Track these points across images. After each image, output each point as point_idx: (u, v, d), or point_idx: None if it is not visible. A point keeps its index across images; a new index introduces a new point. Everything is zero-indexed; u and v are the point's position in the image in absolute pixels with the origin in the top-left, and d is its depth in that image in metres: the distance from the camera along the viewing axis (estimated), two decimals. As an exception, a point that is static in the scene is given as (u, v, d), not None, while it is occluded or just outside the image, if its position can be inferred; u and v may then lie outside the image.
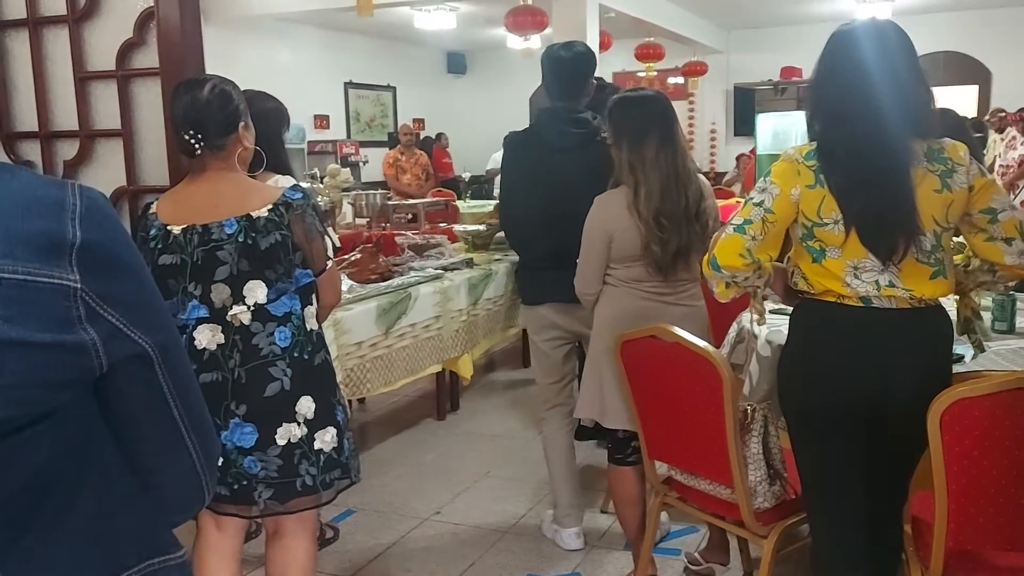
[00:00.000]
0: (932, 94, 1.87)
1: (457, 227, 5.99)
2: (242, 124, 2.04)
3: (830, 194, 1.83)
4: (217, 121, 1.99)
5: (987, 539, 1.88)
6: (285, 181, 2.25)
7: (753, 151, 9.82)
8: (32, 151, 2.73)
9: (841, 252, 1.86)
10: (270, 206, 1.98)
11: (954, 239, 1.92)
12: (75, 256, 0.80)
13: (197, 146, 1.99)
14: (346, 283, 3.82)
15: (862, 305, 1.86)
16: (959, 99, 9.91)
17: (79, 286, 0.80)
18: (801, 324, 1.99)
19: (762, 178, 1.93)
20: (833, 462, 1.99)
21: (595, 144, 2.76)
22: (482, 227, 5.67)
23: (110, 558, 0.90)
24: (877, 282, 1.84)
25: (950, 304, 2.02)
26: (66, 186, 0.84)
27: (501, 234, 5.41)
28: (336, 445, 2.07)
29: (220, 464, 1.97)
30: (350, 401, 4.02)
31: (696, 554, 2.87)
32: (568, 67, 2.90)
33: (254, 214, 1.96)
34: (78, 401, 0.85)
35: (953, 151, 1.86)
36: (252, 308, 1.97)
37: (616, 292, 2.61)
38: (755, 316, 2.08)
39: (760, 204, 1.88)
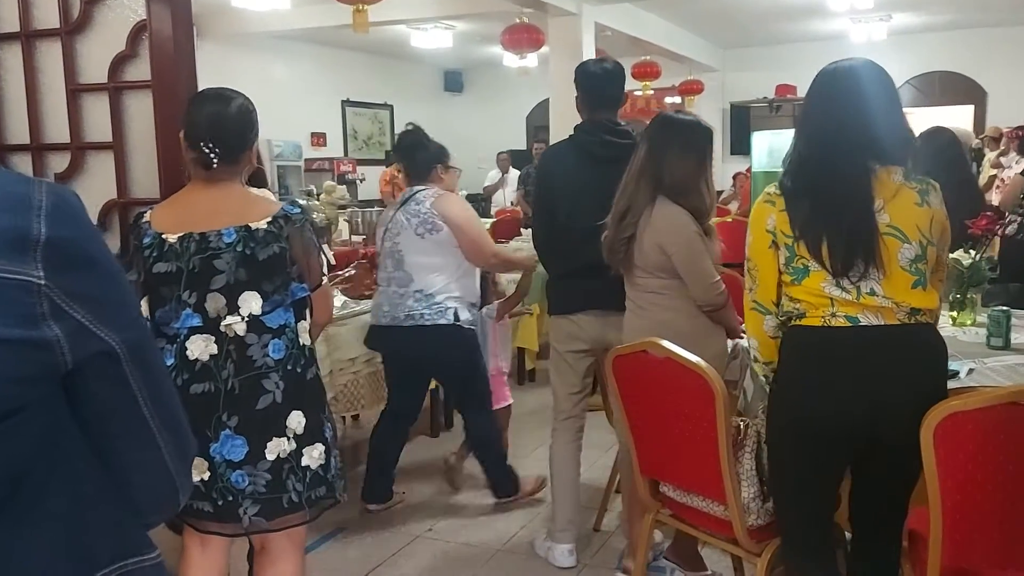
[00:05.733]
0: (908, 126, 1.95)
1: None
2: (255, 143, 2.10)
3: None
4: (237, 139, 2.04)
5: (983, 556, 1.86)
6: (266, 195, 2.25)
7: (749, 170, 9.85)
8: (24, 163, 2.71)
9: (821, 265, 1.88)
10: (269, 218, 1.99)
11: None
12: (40, 252, 0.79)
13: (214, 158, 2.01)
14: (340, 299, 3.81)
15: (850, 325, 1.86)
16: (955, 118, 9.95)
17: (43, 282, 0.79)
18: (791, 348, 1.99)
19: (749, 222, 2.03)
20: (825, 485, 2.00)
21: None
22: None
23: (82, 557, 0.89)
24: (859, 288, 1.85)
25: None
26: (32, 183, 0.84)
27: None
28: (323, 462, 2.05)
29: (207, 479, 1.95)
30: (343, 417, 4.00)
31: (662, 558, 2.84)
32: (605, 79, 2.99)
33: (253, 225, 1.97)
34: (46, 398, 0.85)
35: (926, 181, 1.94)
36: (246, 319, 1.96)
37: None
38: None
39: (746, 255, 2.00)
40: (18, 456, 0.82)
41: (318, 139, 11.29)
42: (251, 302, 1.96)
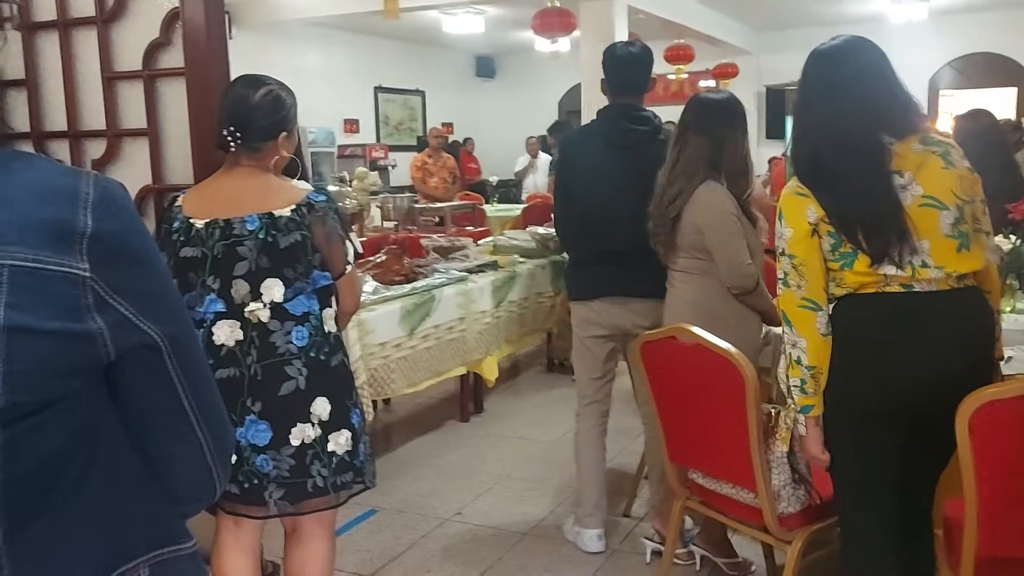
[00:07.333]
0: (908, 96, 1.91)
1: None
2: (284, 134, 2.06)
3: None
4: (260, 126, 2.02)
5: (1019, 545, 1.83)
6: (305, 185, 2.24)
7: (784, 155, 9.71)
8: (62, 150, 2.76)
9: None
10: (292, 206, 1.99)
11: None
12: (86, 245, 0.80)
13: (232, 143, 2.01)
14: (370, 284, 3.83)
15: (904, 291, 1.85)
16: (997, 101, 9.72)
17: (89, 275, 0.80)
18: (844, 319, 1.93)
19: (778, 219, 1.96)
20: (876, 462, 1.95)
21: (658, 142, 2.80)
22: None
23: (119, 545, 0.90)
24: (912, 264, 1.83)
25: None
26: (80, 175, 0.84)
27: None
28: (350, 448, 2.06)
29: (233, 462, 1.97)
30: (375, 402, 4.03)
31: (691, 545, 2.85)
32: (631, 65, 2.93)
33: (276, 212, 1.97)
34: (88, 389, 0.85)
35: (943, 135, 1.92)
36: (269, 305, 1.98)
37: None
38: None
39: (784, 252, 1.93)
40: (58, 446, 0.83)
41: (351, 126, 11.33)
42: (273, 289, 1.97)
